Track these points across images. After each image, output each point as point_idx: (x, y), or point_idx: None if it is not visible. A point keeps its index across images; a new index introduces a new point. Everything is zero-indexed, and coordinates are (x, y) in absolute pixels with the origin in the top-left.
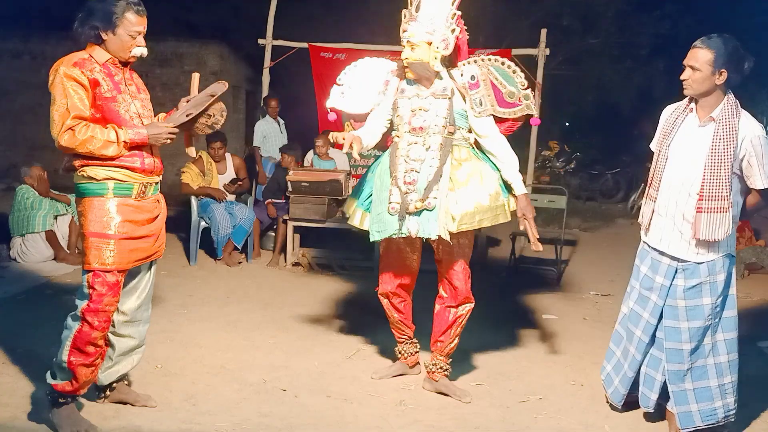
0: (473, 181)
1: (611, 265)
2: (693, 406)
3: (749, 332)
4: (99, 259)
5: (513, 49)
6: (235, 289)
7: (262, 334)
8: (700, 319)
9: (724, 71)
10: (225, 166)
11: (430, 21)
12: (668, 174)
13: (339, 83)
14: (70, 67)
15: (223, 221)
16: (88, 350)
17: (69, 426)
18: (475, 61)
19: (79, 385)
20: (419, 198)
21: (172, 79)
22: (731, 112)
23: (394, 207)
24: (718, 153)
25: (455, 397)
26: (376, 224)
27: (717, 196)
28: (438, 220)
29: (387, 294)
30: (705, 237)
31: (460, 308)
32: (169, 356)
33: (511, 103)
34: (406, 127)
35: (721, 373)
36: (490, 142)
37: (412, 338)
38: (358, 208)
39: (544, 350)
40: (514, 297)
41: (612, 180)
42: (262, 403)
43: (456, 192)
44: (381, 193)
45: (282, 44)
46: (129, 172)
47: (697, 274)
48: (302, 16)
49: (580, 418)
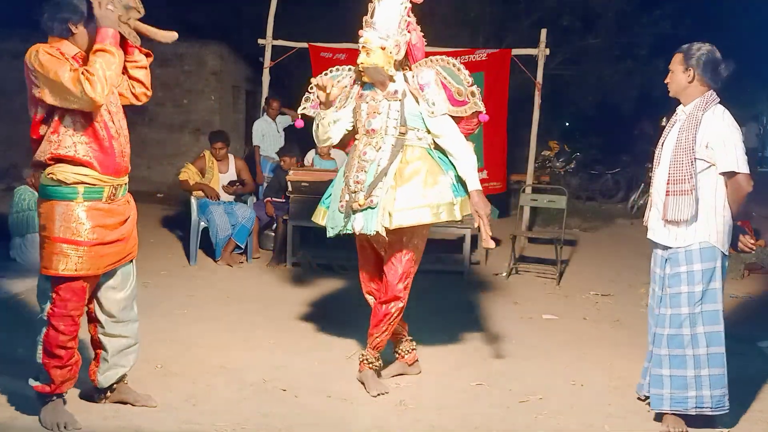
0: (416, 179)
1: (611, 265)
2: (666, 391)
3: (749, 332)
4: (65, 266)
5: (513, 49)
6: (235, 289)
7: (262, 334)
8: (677, 306)
9: (690, 69)
10: (227, 166)
11: (385, 27)
12: (656, 170)
13: (310, 91)
14: (48, 46)
15: (222, 223)
16: (58, 353)
17: (51, 419)
18: (425, 63)
19: (57, 386)
20: (365, 196)
21: (172, 79)
22: (699, 106)
23: (343, 205)
24: (680, 141)
25: (367, 388)
26: (330, 221)
27: (680, 179)
28: (378, 216)
29: (371, 292)
30: (671, 217)
31: (389, 305)
32: (169, 356)
33: (461, 102)
34: (363, 129)
35: (698, 364)
36: (446, 141)
37: (406, 336)
38: (321, 206)
39: (544, 350)
40: (514, 297)
41: (612, 180)
42: (262, 403)
43: (397, 190)
44: (336, 192)
45: (282, 44)
46: (98, 174)
47: (678, 262)
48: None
49: (580, 418)
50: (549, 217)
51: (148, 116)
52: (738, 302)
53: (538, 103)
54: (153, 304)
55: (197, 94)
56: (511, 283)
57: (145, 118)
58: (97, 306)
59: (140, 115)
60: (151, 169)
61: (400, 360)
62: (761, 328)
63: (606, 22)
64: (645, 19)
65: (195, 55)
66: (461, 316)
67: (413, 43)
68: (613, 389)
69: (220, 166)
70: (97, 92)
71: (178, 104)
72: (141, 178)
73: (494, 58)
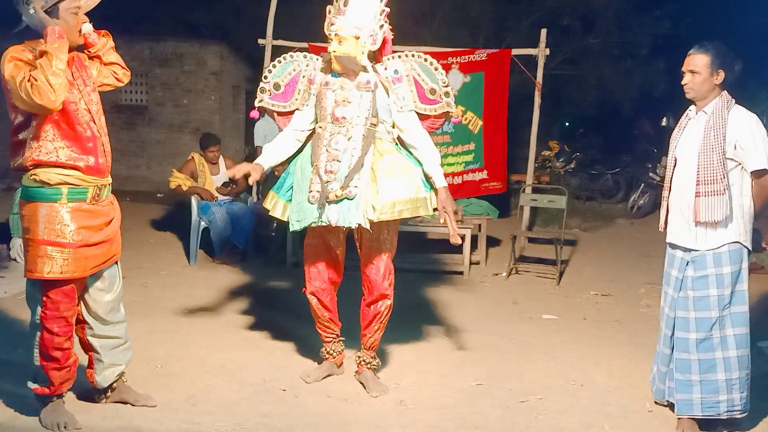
0: (395, 172)
1: (611, 265)
2: (696, 396)
3: (749, 332)
4: (50, 268)
5: (513, 49)
6: (235, 289)
7: (262, 334)
8: (706, 309)
9: (721, 71)
10: (218, 168)
11: (359, 16)
12: (676, 172)
13: (265, 80)
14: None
15: (223, 223)
16: (55, 355)
17: (51, 419)
18: (399, 56)
19: (56, 387)
20: (340, 186)
21: (172, 79)
22: (722, 105)
23: (314, 196)
24: (709, 140)
25: (367, 389)
26: (296, 213)
27: (712, 180)
28: (358, 208)
29: (316, 292)
30: (705, 219)
31: (377, 305)
32: (169, 356)
33: (432, 100)
34: (329, 118)
35: (729, 367)
36: (412, 136)
37: (339, 336)
38: (280, 199)
39: (544, 350)
40: (514, 297)
41: (612, 180)
42: (262, 403)
43: (377, 182)
44: (302, 183)
45: (282, 44)
46: (82, 174)
47: (704, 265)
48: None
49: (580, 418)
50: (549, 217)
51: (148, 116)
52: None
53: (538, 103)
54: (153, 304)
55: (197, 94)
56: (511, 283)
57: (145, 118)
58: (83, 308)
59: (140, 115)
60: (151, 169)
61: (330, 360)
62: (761, 328)
63: (606, 22)
64: (645, 19)
65: (195, 55)
66: (461, 316)
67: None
68: (613, 389)
69: (211, 168)
70: (45, 99)
71: (178, 104)
72: (141, 178)
73: (494, 58)
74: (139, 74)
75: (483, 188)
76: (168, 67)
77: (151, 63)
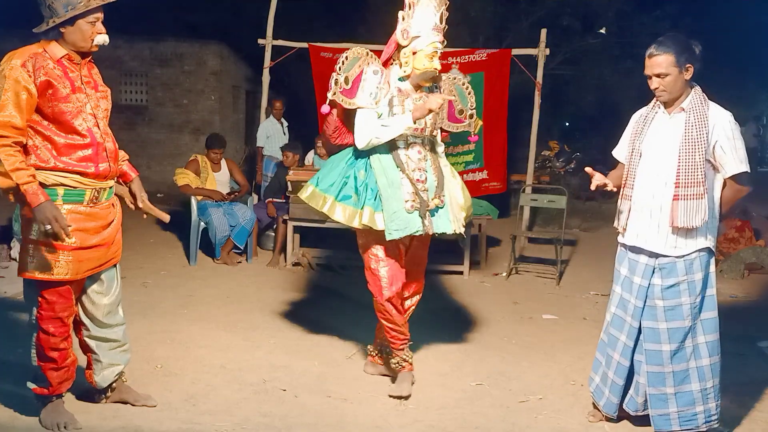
0: (456, 178)
1: (611, 265)
2: (672, 410)
3: (749, 332)
4: (46, 270)
5: (513, 49)
6: (234, 289)
7: (262, 334)
8: (679, 319)
9: (689, 66)
10: (219, 165)
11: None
12: (642, 169)
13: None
14: (20, 67)
15: (221, 224)
16: (51, 355)
17: (51, 419)
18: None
19: (55, 387)
20: (434, 195)
21: (172, 79)
22: (699, 101)
23: (413, 205)
24: (691, 139)
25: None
26: (394, 222)
27: (692, 183)
28: (449, 214)
29: (392, 298)
30: (683, 224)
31: (412, 299)
32: (169, 356)
33: (459, 120)
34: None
35: (703, 376)
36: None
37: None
38: (341, 203)
39: (544, 350)
40: (514, 297)
41: None
42: (262, 403)
43: (455, 189)
44: (391, 191)
45: (282, 44)
46: (81, 177)
47: (675, 273)
48: (302, 16)
49: (580, 418)
50: (549, 217)
51: (148, 116)
52: (738, 302)
53: (538, 103)
54: (153, 304)
55: (197, 94)
56: (511, 283)
57: (145, 118)
58: (81, 310)
59: (140, 115)
60: (151, 169)
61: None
62: (761, 328)
63: (606, 22)
64: (645, 19)
65: (195, 55)
66: (461, 316)
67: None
68: None
69: (213, 166)
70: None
71: (178, 104)
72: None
73: (494, 58)
74: (139, 74)
75: (483, 188)
76: (168, 67)
77: (151, 63)
